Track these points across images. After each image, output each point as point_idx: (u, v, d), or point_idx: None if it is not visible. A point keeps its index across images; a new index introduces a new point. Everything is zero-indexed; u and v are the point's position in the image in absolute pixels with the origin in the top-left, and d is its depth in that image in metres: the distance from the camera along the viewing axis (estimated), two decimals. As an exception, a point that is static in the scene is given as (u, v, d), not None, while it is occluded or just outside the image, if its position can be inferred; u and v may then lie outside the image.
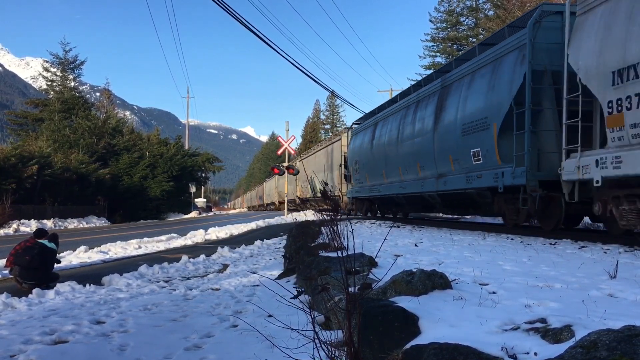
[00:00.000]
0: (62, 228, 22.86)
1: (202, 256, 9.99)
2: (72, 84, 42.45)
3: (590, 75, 7.26)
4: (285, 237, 11.66)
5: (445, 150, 11.80)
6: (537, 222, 10.03)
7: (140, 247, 12.16)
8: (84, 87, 53.17)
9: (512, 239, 8.16)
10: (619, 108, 6.70)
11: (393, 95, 17.69)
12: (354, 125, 22.37)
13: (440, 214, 17.72)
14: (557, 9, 9.00)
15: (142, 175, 35.54)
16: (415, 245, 7.25)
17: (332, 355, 2.45)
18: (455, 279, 3.60)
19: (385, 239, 7.57)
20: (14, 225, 20.24)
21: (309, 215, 21.98)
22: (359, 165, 19.89)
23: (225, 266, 9.14)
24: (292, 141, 26.85)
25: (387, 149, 16.20)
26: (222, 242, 13.61)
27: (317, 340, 2.40)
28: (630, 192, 6.83)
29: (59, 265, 7.53)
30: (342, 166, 23.63)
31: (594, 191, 7.50)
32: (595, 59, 7.15)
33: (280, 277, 6.98)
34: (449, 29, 42.34)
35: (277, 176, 46.37)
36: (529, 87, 8.60)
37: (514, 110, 8.95)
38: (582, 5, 7.67)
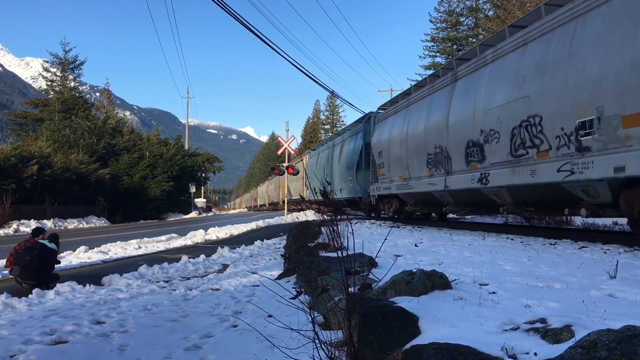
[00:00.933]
0: (62, 228, 22.85)
1: (202, 256, 9.99)
2: (72, 84, 42.43)
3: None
4: (285, 237, 11.66)
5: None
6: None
7: (140, 248, 12.16)
8: (83, 87, 53.20)
9: (512, 239, 8.17)
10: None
11: (394, 95, 21.83)
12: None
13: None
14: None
15: (142, 176, 35.50)
16: (415, 245, 7.25)
17: (332, 355, 2.45)
18: (455, 279, 3.60)
19: (385, 239, 7.57)
20: (14, 226, 20.22)
21: (309, 215, 22.05)
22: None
23: (225, 266, 9.14)
24: (292, 141, 26.85)
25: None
26: (222, 242, 13.61)
27: (317, 341, 2.40)
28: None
29: (58, 265, 7.53)
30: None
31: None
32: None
33: (280, 277, 6.99)
34: (449, 29, 42.37)
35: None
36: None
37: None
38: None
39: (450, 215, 18.67)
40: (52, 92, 41.89)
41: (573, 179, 7.03)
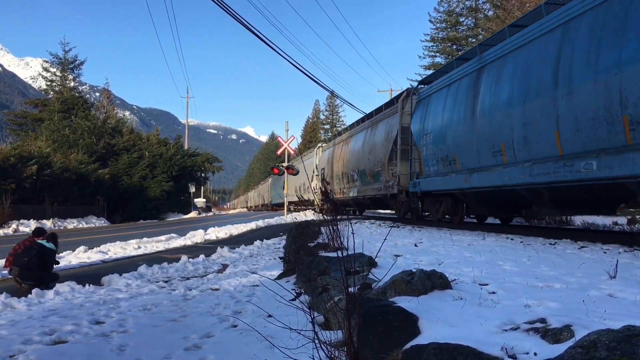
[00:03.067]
0: (61, 228, 22.84)
1: (202, 256, 9.99)
2: (72, 84, 42.42)
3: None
4: (284, 237, 11.66)
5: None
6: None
7: (139, 247, 12.15)
8: (83, 87, 53.13)
9: (511, 239, 8.17)
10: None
11: (392, 97, 21.48)
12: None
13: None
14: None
15: (141, 176, 35.49)
16: (415, 245, 7.25)
17: (332, 356, 2.45)
18: (455, 279, 3.60)
19: (385, 239, 7.57)
20: (14, 226, 20.21)
21: (308, 215, 22.08)
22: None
23: (225, 266, 9.13)
24: (291, 141, 26.85)
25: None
26: (221, 242, 13.61)
27: (316, 341, 2.40)
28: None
29: (58, 265, 7.52)
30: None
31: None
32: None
33: (279, 277, 6.98)
34: (449, 29, 42.40)
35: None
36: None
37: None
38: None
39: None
40: (51, 92, 41.87)
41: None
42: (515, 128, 8.82)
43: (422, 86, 14.70)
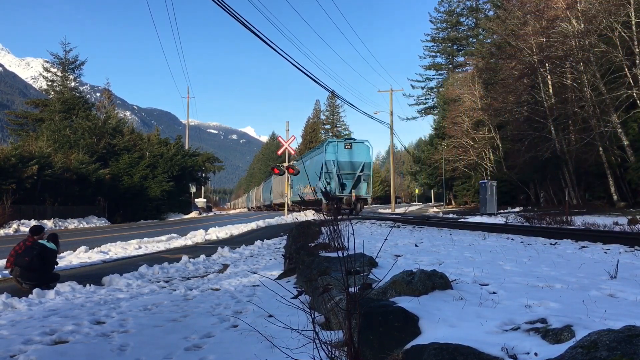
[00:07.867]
0: (62, 228, 22.85)
1: (202, 256, 9.99)
2: (73, 84, 42.50)
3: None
4: (285, 237, 11.66)
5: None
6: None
7: (140, 248, 12.15)
8: (84, 87, 53.21)
9: (512, 239, 8.17)
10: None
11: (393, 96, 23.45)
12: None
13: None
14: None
15: (142, 176, 35.49)
16: (416, 245, 7.25)
17: (332, 356, 2.45)
18: (455, 279, 3.60)
19: (385, 239, 7.57)
20: (14, 226, 20.22)
21: (309, 215, 22.11)
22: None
23: (226, 266, 9.14)
24: (292, 141, 26.84)
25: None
26: (222, 242, 13.61)
27: (317, 341, 2.40)
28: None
29: (58, 265, 7.52)
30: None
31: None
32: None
33: (280, 277, 6.98)
34: (449, 29, 42.40)
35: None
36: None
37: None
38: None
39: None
40: (52, 92, 41.95)
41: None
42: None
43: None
